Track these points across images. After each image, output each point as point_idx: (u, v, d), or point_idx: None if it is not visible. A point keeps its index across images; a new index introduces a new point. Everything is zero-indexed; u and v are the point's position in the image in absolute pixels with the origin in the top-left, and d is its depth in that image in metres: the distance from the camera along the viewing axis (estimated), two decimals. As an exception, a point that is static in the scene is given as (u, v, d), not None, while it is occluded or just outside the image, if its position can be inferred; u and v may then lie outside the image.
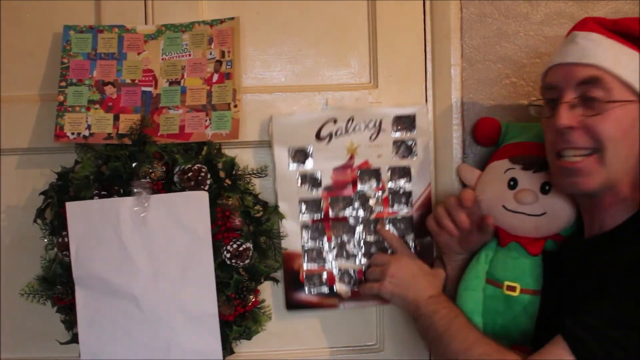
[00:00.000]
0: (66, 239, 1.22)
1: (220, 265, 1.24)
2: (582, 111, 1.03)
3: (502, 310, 1.17)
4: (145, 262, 1.22)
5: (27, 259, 1.33)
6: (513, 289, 1.16)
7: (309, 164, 1.33)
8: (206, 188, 1.22)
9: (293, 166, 1.33)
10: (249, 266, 1.27)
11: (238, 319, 1.27)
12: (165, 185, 1.23)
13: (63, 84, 1.28)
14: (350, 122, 1.33)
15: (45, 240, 1.27)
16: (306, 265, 1.34)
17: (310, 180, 1.34)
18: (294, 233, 1.33)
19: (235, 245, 1.23)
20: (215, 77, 1.29)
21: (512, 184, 1.18)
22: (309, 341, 1.39)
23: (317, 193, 1.34)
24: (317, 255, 1.34)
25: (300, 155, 1.33)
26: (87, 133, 1.26)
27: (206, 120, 1.26)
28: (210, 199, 1.22)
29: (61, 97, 1.27)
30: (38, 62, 1.34)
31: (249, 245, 1.25)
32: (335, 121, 1.33)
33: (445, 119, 1.37)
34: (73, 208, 1.21)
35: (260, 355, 1.38)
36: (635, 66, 1.03)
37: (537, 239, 1.18)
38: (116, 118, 1.27)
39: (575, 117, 1.03)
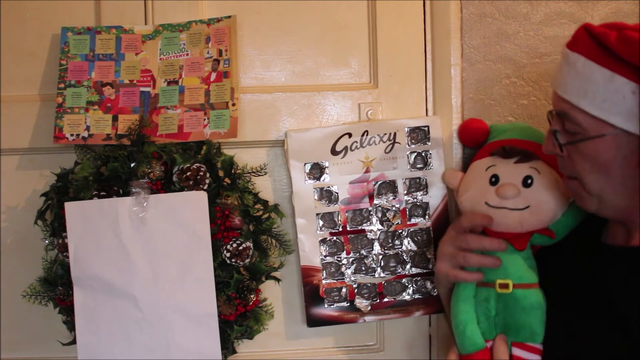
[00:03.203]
0: (66, 240, 1.22)
1: (220, 265, 1.24)
2: (566, 139, 1.01)
3: (499, 310, 1.15)
4: (145, 262, 1.22)
5: (28, 260, 1.33)
6: (505, 286, 1.13)
7: (325, 179, 1.33)
8: (205, 187, 1.22)
9: (309, 181, 1.32)
10: (249, 265, 1.27)
11: (239, 318, 1.27)
12: (164, 185, 1.23)
13: (62, 85, 1.28)
14: (364, 136, 1.33)
15: (46, 241, 1.27)
16: (325, 280, 1.33)
17: (327, 194, 1.33)
18: (312, 248, 1.33)
19: (235, 245, 1.23)
20: (213, 76, 1.29)
21: (494, 180, 1.17)
22: (310, 341, 1.39)
23: (334, 207, 1.33)
24: (336, 270, 1.34)
25: (316, 170, 1.33)
26: (86, 134, 1.26)
27: (204, 120, 1.27)
28: (209, 198, 1.22)
29: (60, 99, 1.28)
30: (38, 62, 1.34)
31: (249, 244, 1.25)
32: (350, 135, 1.32)
33: (445, 119, 1.36)
34: (72, 208, 1.21)
35: (262, 354, 1.38)
36: (609, 92, 0.94)
37: (523, 234, 1.16)
38: (115, 119, 1.27)
39: (555, 145, 1.03)
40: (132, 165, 1.22)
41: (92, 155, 1.25)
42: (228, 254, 1.23)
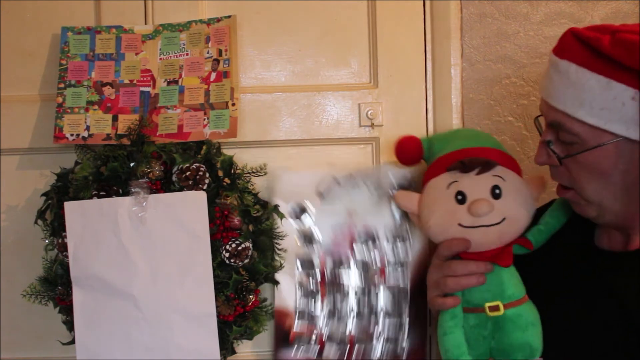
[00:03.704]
0: (66, 240, 1.22)
1: (219, 265, 1.24)
2: (560, 149, 0.99)
3: (492, 334, 1.09)
4: (144, 262, 1.22)
5: (28, 260, 1.33)
6: (496, 308, 1.07)
7: (308, 222, 1.31)
8: (204, 187, 1.22)
9: (292, 222, 1.31)
10: (248, 266, 1.26)
11: (238, 319, 1.27)
12: (163, 185, 1.23)
13: (62, 85, 1.28)
14: (351, 182, 1.30)
15: (46, 241, 1.27)
16: (297, 325, 1.30)
17: (308, 238, 1.31)
18: (288, 290, 1.30)
19: (234, 245, 1.23)
20: (213, 75, 1.29)
21: (460, 198, 1.08)
22: (309, 342, 1.39)
23: (314, 251, 1.31)
24: (309, 316, 1.31)
25: (300, 212, 1.31)
26: (86, 134, 1.26)
27: (204, 119, 1.26)
28: (208, 198, 1.22)
29: (60, 99, 1.28)
30: (38, 62, 1.34)
31: (248, 244, 1.24)
32: (337, 181, 1.31)
33: (445, 119, 1.36)
34: (71, 208, 1.21)
35: (261, 355, 1.38)
36: (607, 100, 0.91)
37: (505, 248, 1.10)
38: (115, 119, 1.27)
39: (552, 156, 1.00)
40: (132, 165, 1.22)
41: (92, 155, 1.25)
42: (227, 254, 1.23)
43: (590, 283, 1.04)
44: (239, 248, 1.23)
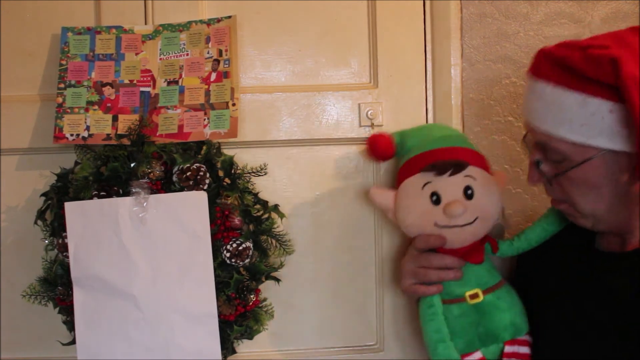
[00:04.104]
0: (66, 240, 1.22)
1: (220, 265, 1.24)
2: (548, 168, 1.01)
3: (478, 320, 1.15)
4: (144, 262, 1.22)
5: (28, 260, 1.33)
6: (476, 295, 1.15)
7: None
8: (205, 187, 1.22)
9: None
10: (249, 265, 1.26)
11: (239, 318, 1.27)
12: (164, 185, 1.23)
13: (62, 85, 1.28)
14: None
15: (46, 241, 1.27)
16: None
17: None
18: None
19: (234, 245, 1.23)
20: (213, 76, 1.29)
21: (435, 198, 1.13)
22: (310, 341, 1.39)
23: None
24: None
25: None
26: (86, 134, 1.26)
27: (205, 120, 1.26)
28: (209, 199, 1.22)
29: (60, 99, 1.28)
30: (38, 62, 1.34)
31: (249, 244, 1.24)
32: None
33: (445, 119, 1.36)
34: (72, 208, 1.21)
35: (262, 355, 1.38)
36: (585, 116, 0.91)
37: (477, 245, 1.16)
38: (115, 119, 1.27)
39: (541, 175, 1.03)
40: (132, 165, 1.21)
41: (92, 155, 1.25)
42: (228, 254, 1.23)
43: (589, 284, 1.06)
44: (240, 248, 1.23)
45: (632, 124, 0.86)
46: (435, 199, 1.13)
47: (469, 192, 1.13)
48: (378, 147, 1.24)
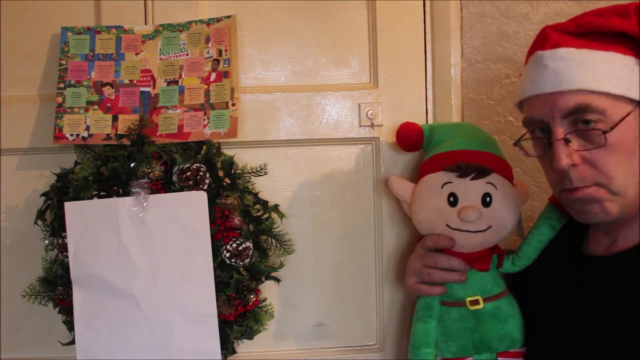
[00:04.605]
0: (66, 240, 1.22)
1: (220, 265, 1.24)
2: (580, 143, 0.94)
3: (475, 327, 1.14)
4: (144, 262, 1.22)
5: (28, 260, 1.33)
6: (476, 302, 1.13)
7: None
8: (205, 187, 1.22)
9: None
10: (249, 265, 1.26)
11: (239, 318, 1.27)
12: (164, 185, 1.23)
13: (61, 85, 1.28)
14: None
15: (46, 241, 1.27)
16: None
17: None
18: None
19: (234, 245, 1.23)
20: (213, 76, 1.29)
21: (452, 200, 1.12)
22: (309, 341, 1.39)
23: None
24: None
25: None
26: (86, 134, 1.26)
27: (204, 120, 1.27)
28: (209, 199, 1.22)
29: (59, 99, 1.28)
30: (38, 62, 1.34)
31: (249, 244, 1.24)
32: None
33: (445, 119, 1.36)
34: (72, 208, 1.21)
35: (262, 355, 1.38)
36: (618, 70, 0.92)
37: (485, 253, 1.14)
38: (115, 119, 1.27)
39: (573, 154, 0.94)
40: (132, 165, 1.22)
41: (92, 155, 1.25)
42: (228, 254, 1.23)
43: (580, 290, 1.04)
44: (240, 248, 1.23)
45: None
46: (453, 200, 1.12)
47: (488, 199, 1.11)
48: (410, 136, 1.24)
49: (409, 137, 1.25)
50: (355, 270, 1.39)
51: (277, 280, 1.32)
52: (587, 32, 0.95)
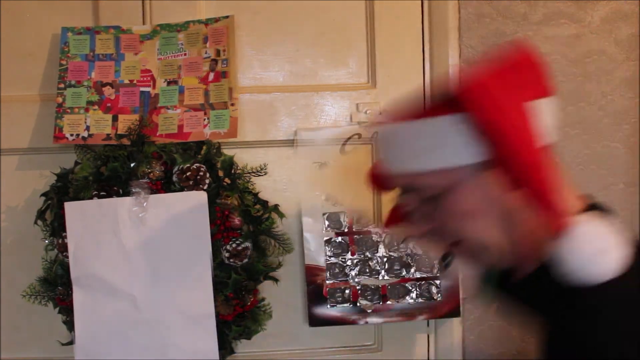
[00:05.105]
0: (66, 240, 1.22)
1: (219, 265, 1.24)
2: (428, 206, 0.92)
3: None
4: (144, 262, 1.22)
5: (28, 260, 1.33)
6: None
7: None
8: (205, 187, 1.22)
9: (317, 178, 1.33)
10: (247, 265, 1.26)
11: (237, 318, 1.27)
12: (164, 185, 1.23)
13: (62, 85, 1.29)
14: (375, 137, 1.33)
15: (46, 241, 1.27)
16: (329, 280, 1.33)
17: (333, 195, 1.34)
18: (317, 247, 1.33)
19: (234, 245, 1.23)
20: (212, 76, 1.29)
21: None
22: (308, 341, 1.39)
23: (341, 208, 1.34)
24: (340, 271, 1.34)
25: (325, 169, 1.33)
26: (86, 134, 1.26)
27: (204, 120, 1.27)
28: (209, 199, 1.22)
29: (60, 99, 1.28)
30: (38, 62, 1.34)
31: (248, 244, 1.24)
32: (359, 136, 1.33)
33: (444, 119, 1.36)
34: (72, 208, 1.21)
35: (260, 355, 1.38)
36: (440, 139, 0.85)
37: None
38: (115, 119, 1.27)
39: (428, 221, 0.93)
40: (132, 165, 1.22)
41: (92, 155, 1.25)
42: (227, 254, 1.23)
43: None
44: (239, 248, 1.23)
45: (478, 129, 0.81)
46: None
47: None
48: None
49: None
50: (354, 269, 1.39)
51: (276, 280, 1.32)
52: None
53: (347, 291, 1.33)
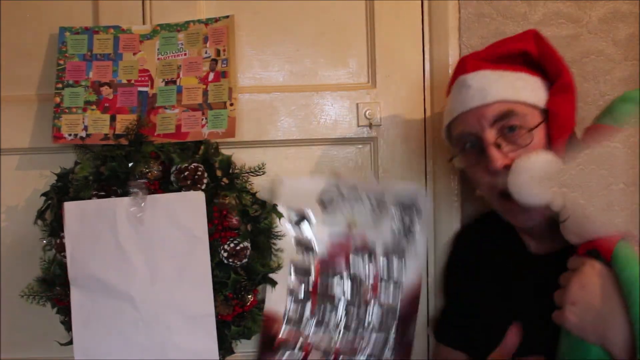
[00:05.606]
0: (64, 240, 1.22)
1: (218, 265, 1.24)
2: (509, 148, 1.05)
3: None
4: (142, 262, 1.22)
5: (27, 260, 1.33)
6: None
7: (307, 230, 1.31)
8: (203, 187, 1.22)
9: (290, 229, 1.30)
10: (246, 265, 1.26)
11: (237, 318, 1.27)
12: (162, 185, 1.23)
13: (59, 85, 1.29)
14: (354, 195, 1.31)
15: (44, 241, 1.27)
16: (283, 331, 1.30)
17: (305, 245, 1.31)
18: (279, 295, 1.30)
19: (232, 245, 1.23)
20: (211, 75, 1.29)
21: None
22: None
23: (309, 259, 1.31)
24: (297, 323, 1.30)
25: (300, 219, 1.31)
26: (84, 134, 1.26)
27: (202, 119, 1.27)
28: (207, 198, 1.22)
29: (58, 99, 1.28)
30: (36, 62, 1.35)
31: (247, 244, 1.24)
32: (340, 191, 1.31)
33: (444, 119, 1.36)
34: (70, 208, 1.21)
35: (260, 355, 1.38)
36: (530, 85, 1.07)
37: None
38: (113, 119, 1.27)
39: (506, 155, 1.04)
40: (130, 165, 1.22)
41: (92, 155, 1.25)
42: (225, 254, 1.23)
43: (522, 284, 1.11)
44: (238, 248, 1.23)
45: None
46: None
47: None
48: None
49: None
50: (354, 270, 1.39)
51: (274, 283, 1.31)
52: (497, 57, 1.11)
53: (298, 345, 1.31)
